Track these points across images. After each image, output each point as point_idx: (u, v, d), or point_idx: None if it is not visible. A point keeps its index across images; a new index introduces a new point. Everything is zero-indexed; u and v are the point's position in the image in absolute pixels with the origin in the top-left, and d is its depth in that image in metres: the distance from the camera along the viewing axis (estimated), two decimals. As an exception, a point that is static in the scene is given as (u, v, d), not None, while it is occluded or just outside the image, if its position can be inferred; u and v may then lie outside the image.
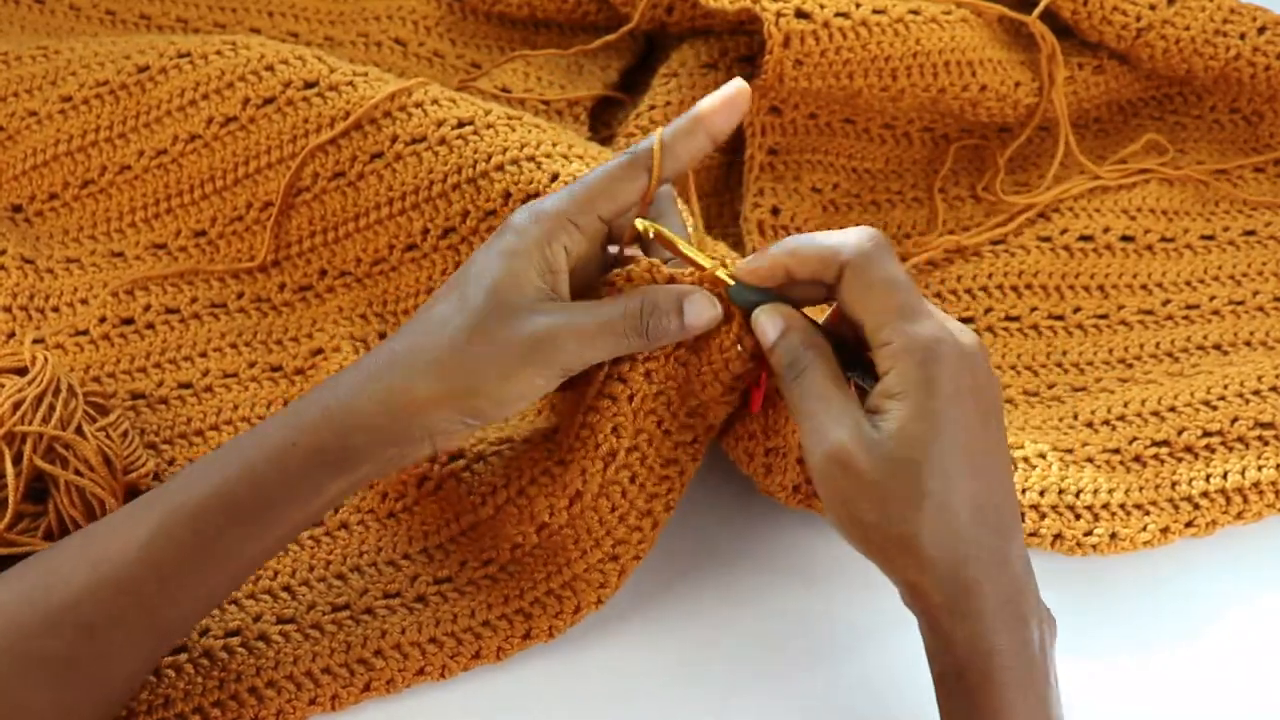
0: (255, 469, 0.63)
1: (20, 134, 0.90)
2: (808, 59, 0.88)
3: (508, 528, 0.72)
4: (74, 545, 0.64)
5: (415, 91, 0.83)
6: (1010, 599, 0.62)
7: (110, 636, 0.63)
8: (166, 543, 0.62)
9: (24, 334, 0.83)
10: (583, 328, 0.64)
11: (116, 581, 0.62)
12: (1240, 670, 0.75)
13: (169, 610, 0.64)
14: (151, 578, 0.62)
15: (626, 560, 0.71)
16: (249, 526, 0.64)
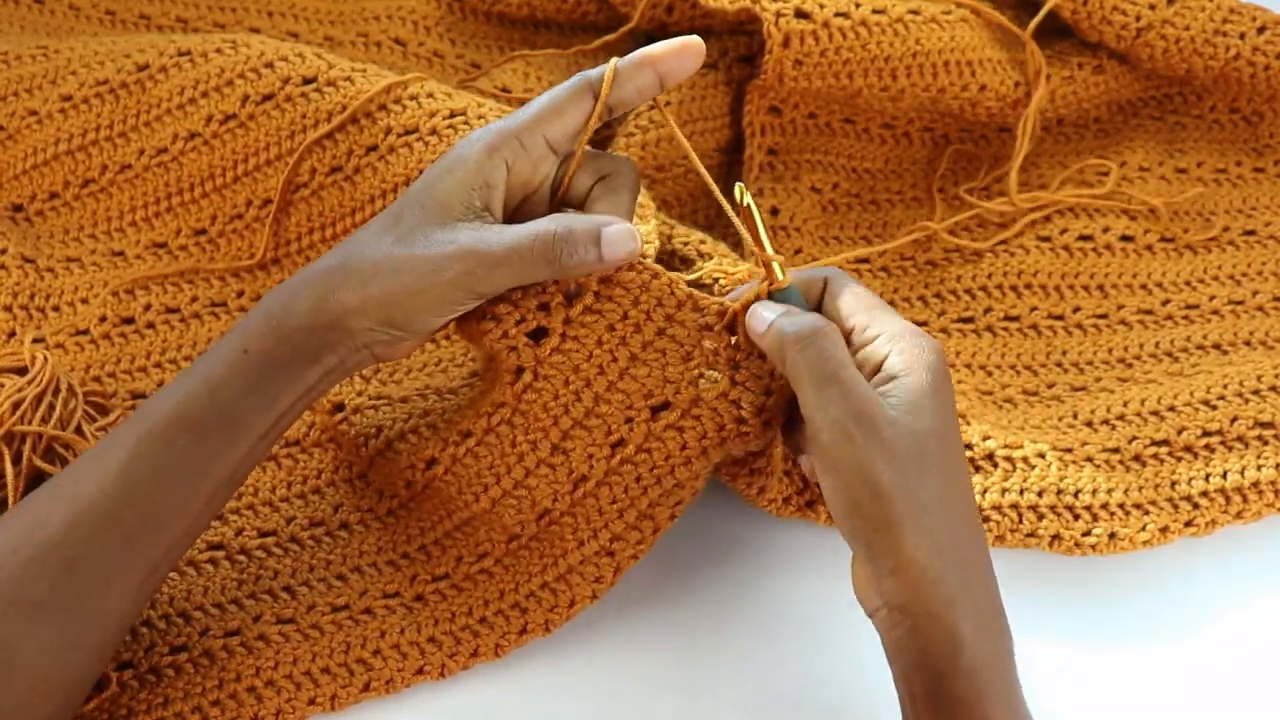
0: (212, 379, 0.65)
1: (21, 133, 0.90)
2: (807, 59, 0.88)
3: (506, 519, 0.72)
4: (53, 485, 0.65)
5: (411, 85, 0.83)
6: (992, 607, 0.62)
7: (94, 570, 0.63)
8: (138, 467, 0.63)
9: (24, 333, 0.83)
10: (490, 248, 0.64)
11: (93, 513, 0.63)
12: (1239, 670, 0.75)
13: (150, 537, 0.64)
14: (128, 504, 0.63)
15: (623, 557, 0.71)
16: (215, 439, 0.65)
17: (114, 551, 0.63)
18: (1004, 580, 0.64)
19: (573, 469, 0.70)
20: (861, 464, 0.60)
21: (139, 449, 0.64)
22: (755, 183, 0.93)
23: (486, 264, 0.64)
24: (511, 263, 0.64)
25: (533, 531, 0.72)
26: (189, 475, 0.65)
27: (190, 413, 0.64)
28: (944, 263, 0.92)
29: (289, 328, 0.65)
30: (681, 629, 0.75)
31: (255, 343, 0.65)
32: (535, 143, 0.66)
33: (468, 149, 0.66)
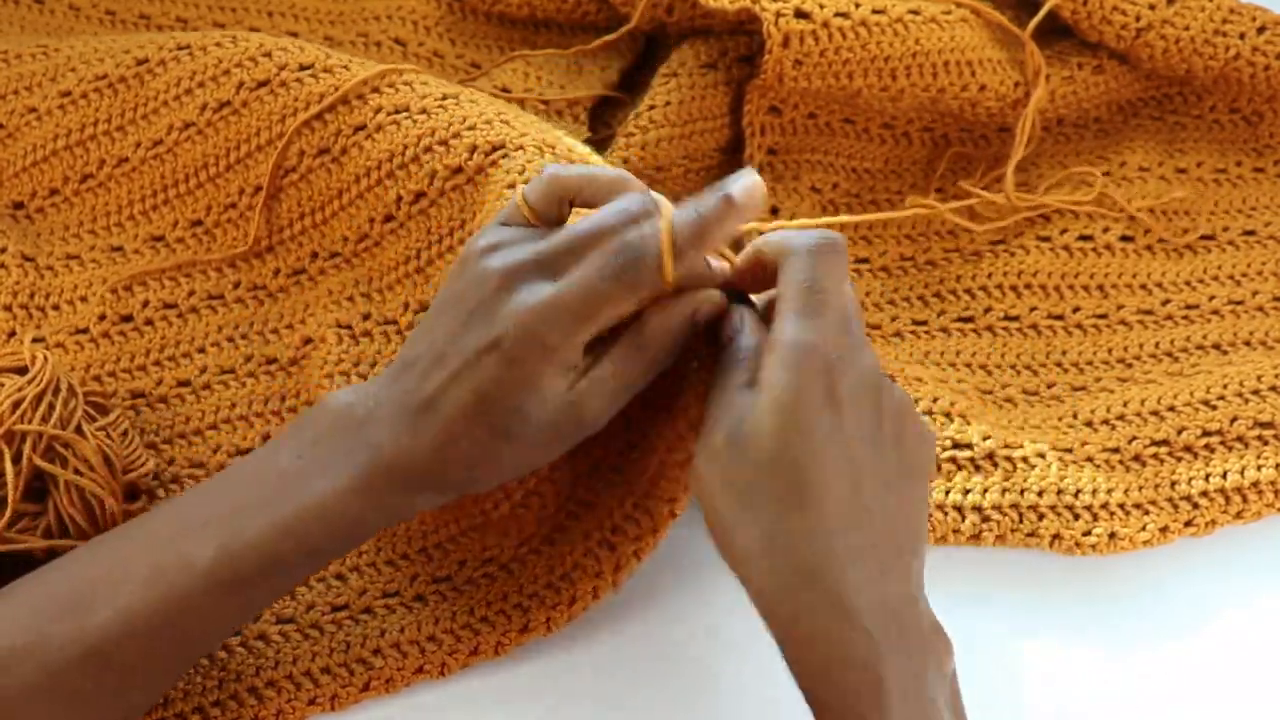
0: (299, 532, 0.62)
1: (20, 131, 0.90)
2: (807, 59, 0.88)
3: (527, 517, 0.72)
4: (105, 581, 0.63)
5: (407, 73, 0.83)
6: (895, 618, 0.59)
7: (139, 673, 0.63)
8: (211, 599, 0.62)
9: (24, 333, 0.83)
10: (617, 397, 0.63)
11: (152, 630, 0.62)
12: (1239, 670, 0.75)
13: (201, 645, 0.65)
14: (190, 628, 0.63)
15: (624, 553, 0.71)
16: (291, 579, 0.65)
17: (163, 664, 0.64)
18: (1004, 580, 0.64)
19: (590, 454, 0.70)
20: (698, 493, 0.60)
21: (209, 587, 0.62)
22: (755, 183, 0.93)
23: (613, 410, 0.63)
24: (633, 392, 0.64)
25: (547, 530, 0.72)
26: (256, 608, 0.65)
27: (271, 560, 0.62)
28: (944, 262, 0.92)
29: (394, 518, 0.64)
30: (685, 626, 0.75)
31: (352, 515, 0.63)
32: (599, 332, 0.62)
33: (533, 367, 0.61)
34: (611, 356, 0.62)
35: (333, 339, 0.81)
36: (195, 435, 0.81)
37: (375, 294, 0.83)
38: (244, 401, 0.82)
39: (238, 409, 0.81)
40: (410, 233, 0.81)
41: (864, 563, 0.58)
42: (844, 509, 0.58)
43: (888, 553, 0.59)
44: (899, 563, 0.60)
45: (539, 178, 0.64)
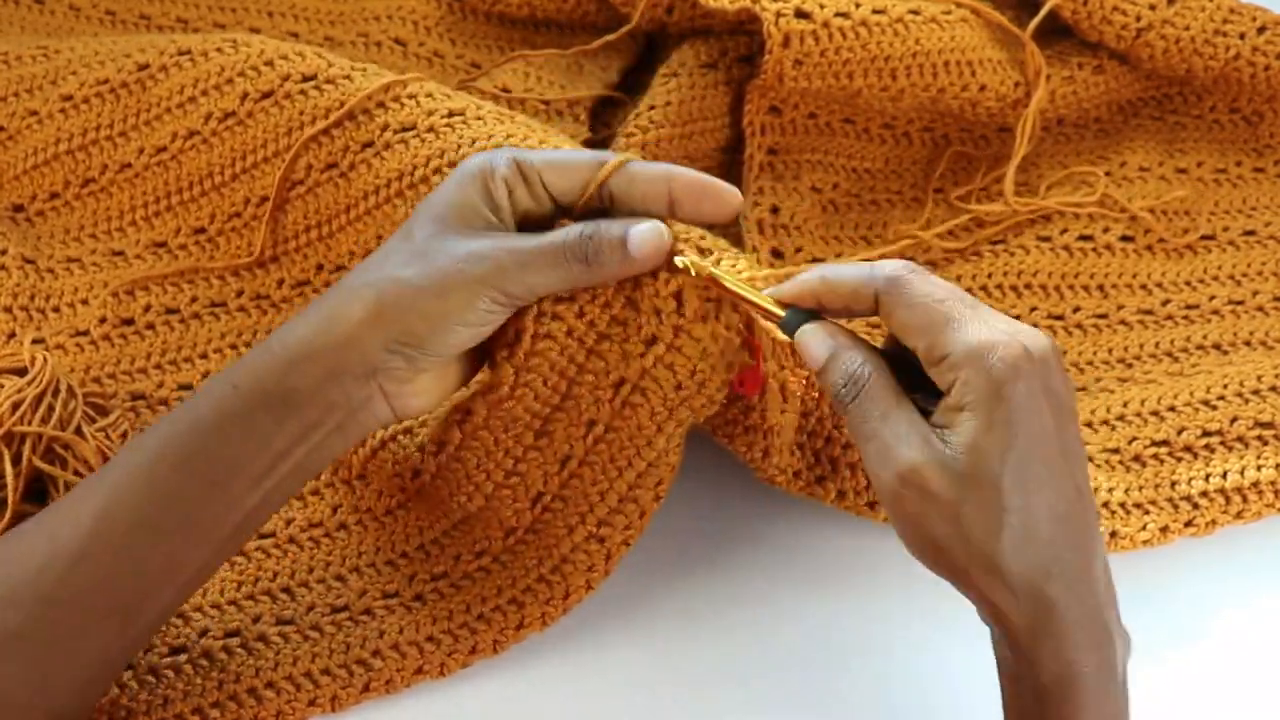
0: (197, 419, 0.61)
1: (21, 134, 0.90)
2: (807, 59, 0.88)
3: (503, 511, 0.72)
4: (37, 520, 0.63)
5: (410, 84, 0.83)
6: (1093, 616, 0.59)
7: (69, 609, 0.61)
8: (118, 507, 0.61)
9: (24, 334, 0.83)
10: (522, 249, 0.62)
11: (71, 551, 0.60)
12: (1239, 670, 0.75)
13: (132, 582, 0.62)
14: (104, 546, 0.61)
15: (613, 544, 0.71)
16: (200, 482, 0.61)
17: (88, 592, 0.61)
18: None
19: (557, 449, 0.70)
20: (913, 520, 0.59)
21: (117, 491, 0.61)
22: (755, 182, 0.93)
23: (518, 260, 0.62)
24: (544, 260, 0.62)
25: (528, 521, 0.72)
26: (172, 519, 0.61)
27: (172, 453, 0.61)
28: (944, 263, 0.92)
29: (283, 357, 0.61)
30: (683, 621, 0.75)
31: (247, 378, 0.61)
32: (534, 179, 0.64)
33: (470, 166, 0.64)
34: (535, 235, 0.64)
35: None
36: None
37: None
38: (245, 404, 0.82)
39: (239, 411, 0.82)
40: None
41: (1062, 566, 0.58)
42: (1057, 506, 0.58)
43: (1082, 543, 0.60)
44: (1100, 537, 0.61)
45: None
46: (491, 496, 0.72)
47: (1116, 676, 0.60)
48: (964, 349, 0.58)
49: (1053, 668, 0.58)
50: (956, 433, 0.57)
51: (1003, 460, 0.57)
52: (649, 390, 0.68)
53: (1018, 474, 0.57)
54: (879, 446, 0.59)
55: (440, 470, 0.72)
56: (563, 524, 0.71)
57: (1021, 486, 0.57)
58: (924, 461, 0.57)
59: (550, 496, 0.71)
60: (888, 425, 0.59)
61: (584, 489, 0.70)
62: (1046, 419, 0.58)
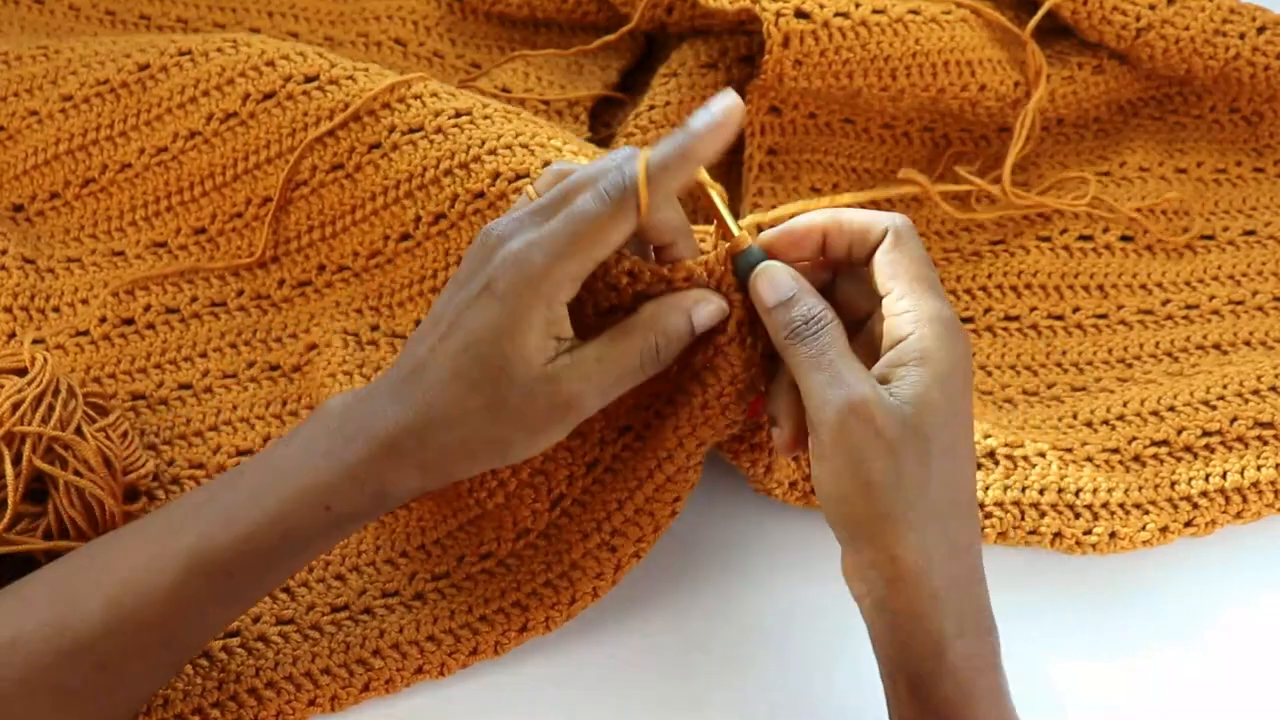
0: (286, 523, 0.63)
1: (21, 133, 0.90)
2: (807, 59, 0.88)
3: (521, 511, 0.72)
4: (91, 575, 0.63)
5: (415, 84, 0.83)
6: (978, 603, 0.62)
7: (126, 670, 0.63)
8: (195, 589, 0.62)
9: (24, 334, 0.83)
10: (602, 381, 0.62)
11: (139, 622, 0.62)
12: (1239, 670, 0.75)
13: (188, 641, 0.65)
14: (176, 620, 0.63)
15: (624, 554, 0.71)
16: (278, 572, 0.64)
17: (150, 656, 0.63)
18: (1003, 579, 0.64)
19: (588, 451, 0.70)
20: (852, 454, 0.59)
21: (197, 570, 0.62)
22: (755, 182, 0.93)
23: (603, 393, 0.63)
24: (626, 383, 0.63)
25: (543, 525, 0.72)
26: (244, 600, 0.65)
27: (259, 548, 0.63)
28: (944, 262, 0.92)
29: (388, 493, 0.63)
30: (684, 626, 0.75)
31: (342, 502, 0.63)
32: (583, 271, 0.62)
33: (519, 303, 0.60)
34: (599, 339, 0.63)
35: (339, 343, 0.82)
36: (196, 437, 0.81)
37: (385, 309, 0.84)
38: (245, 404, 0.82)
39: (239, 411, 0.82)
40: (427, 253, 0.82)
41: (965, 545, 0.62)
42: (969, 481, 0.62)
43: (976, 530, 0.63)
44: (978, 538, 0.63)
45: (547, 171, 0.66)
46: (513, 495, 0.72)
47: (999, 666, 0.62)
48: (933, 309, 0.61)
49: (929, 645, 0.60)
50: (902, 384, 0.60)
51: (940, 424, 0.60)
52: (679, 403, 0.68)
53: (947, 442, 0.60)
54: (831, 376, 0.60)
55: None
56: (577, 529, 0.71)
57: (948, 454, 0.60)
58: (876, 398, 0.59)
59: (570, 500, 0.71)
60: (844, 361, 0.60)
61: (604, 495, 0.70)
62: (969, 406, 0.62)
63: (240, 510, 0.63)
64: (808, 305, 0.62)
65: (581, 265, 0.61)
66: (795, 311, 0.62)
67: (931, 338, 0.60)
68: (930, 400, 0.59)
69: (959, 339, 0.61)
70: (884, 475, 0.59)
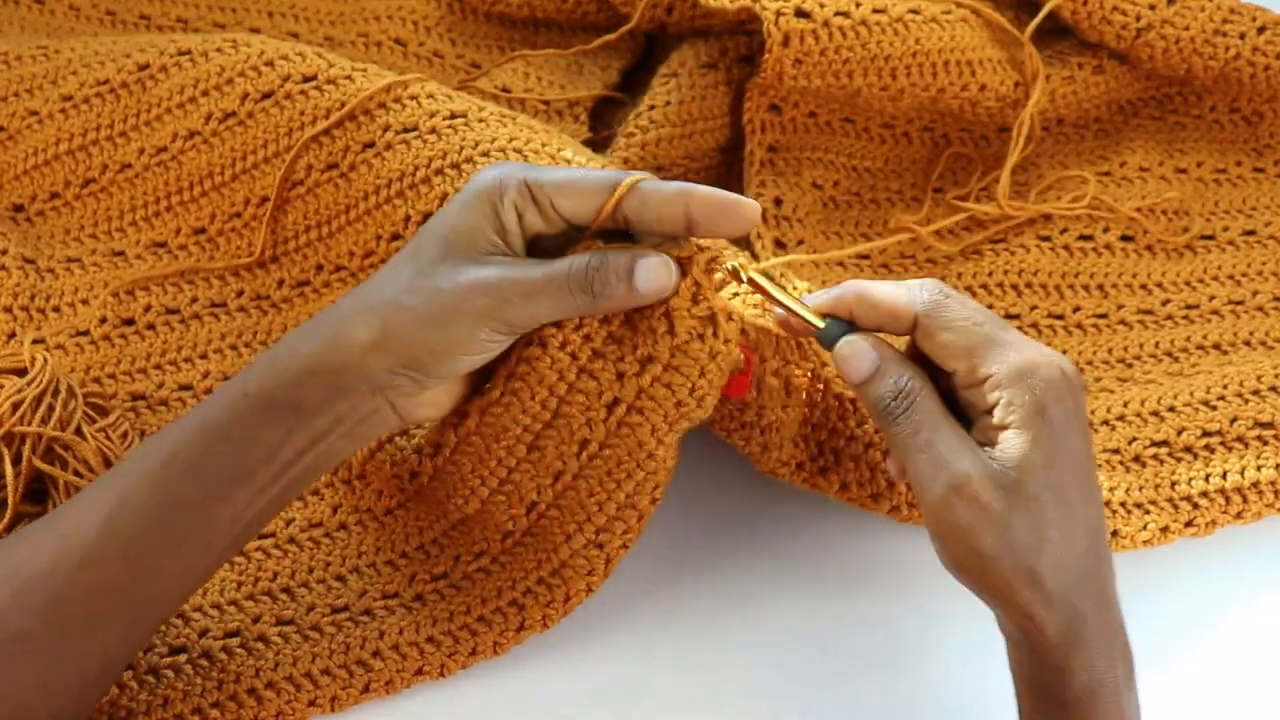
0: (208, 424, 0.62)
1: (22, 133, 0.90)
2: (807, 58, 0.88)
3: (498, 516, 0.72)
4: (45, 521, 0.63)
5: (411, 85, 0.83)
6: (1115, 632, 0.62)
7: (77, 608, 0.61)
8: (127, 510, 0.61)
9: (24, 334, 0.83)
10: (527, 279, 0.62)
11: (81, 553, 0.61)
12: (1240, 670, 0.75)
13: (136, 585, 0.62)
14: (114, 548, 0.61)
15: (611, 549, 0.71)
16: (209, 487, 0.62)
17: (97, 594, 0.61)
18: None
19: (549, 464, 0.70)
20: (962, 531, 0.60)
21: (126, 494, 0.61)
22: (756, 176, 0.93)
23: (522, 291, 0.62)
24: (549, 291, 0.62)
25: (524, 526, 0.72)
26: (181, 524, 0.62)
27: (182, 458, 0.62)
28: (944, 261, 0.92)
29: (292, 369, 0.62)
30: (684, 626, 0.75)
31: (256, 385, 0.62)
32: (545, 203, 0.63)
33: (479, 186, 0.63)
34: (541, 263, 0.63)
35: None
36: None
37: None
38: (245, 404, 0.82)
39: (238, 411, 0.82)
40: None
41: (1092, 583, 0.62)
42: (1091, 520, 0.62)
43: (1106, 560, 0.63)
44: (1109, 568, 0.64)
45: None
46: (487, 501, 0.72)
47: (1133, 692, 0.62)
48: (1009, 370, 0.60)
49: (1082, 679, 0.60)
50: (1002, 449, 0.60)
51: (1046, 477, 0.59)
52: (647, 409, 0.67)
53: (1058, 491, 0.59)
54: (932, 457, 0.60)
55: (436, 473, 0.72)
56: (560, 531, 0.71)
57: (1060, 503, 0.59)
58: (977, 473, 0.59)
59: (545, 505, 0.71)
60: (940, 436, 0.60)
61: (580, 500, 0.70)
62: (1080, 440, 0.61)
63: (171, 428, 0.63)
64: (894, 379, 0.62)
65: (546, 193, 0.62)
66: (883, 389, 0.62)
67: (1018, 396, 0.60)
68: (1030, 461, 0.59)
69: (1042, 384, 0.60)
70: (995, 544, 0.59)
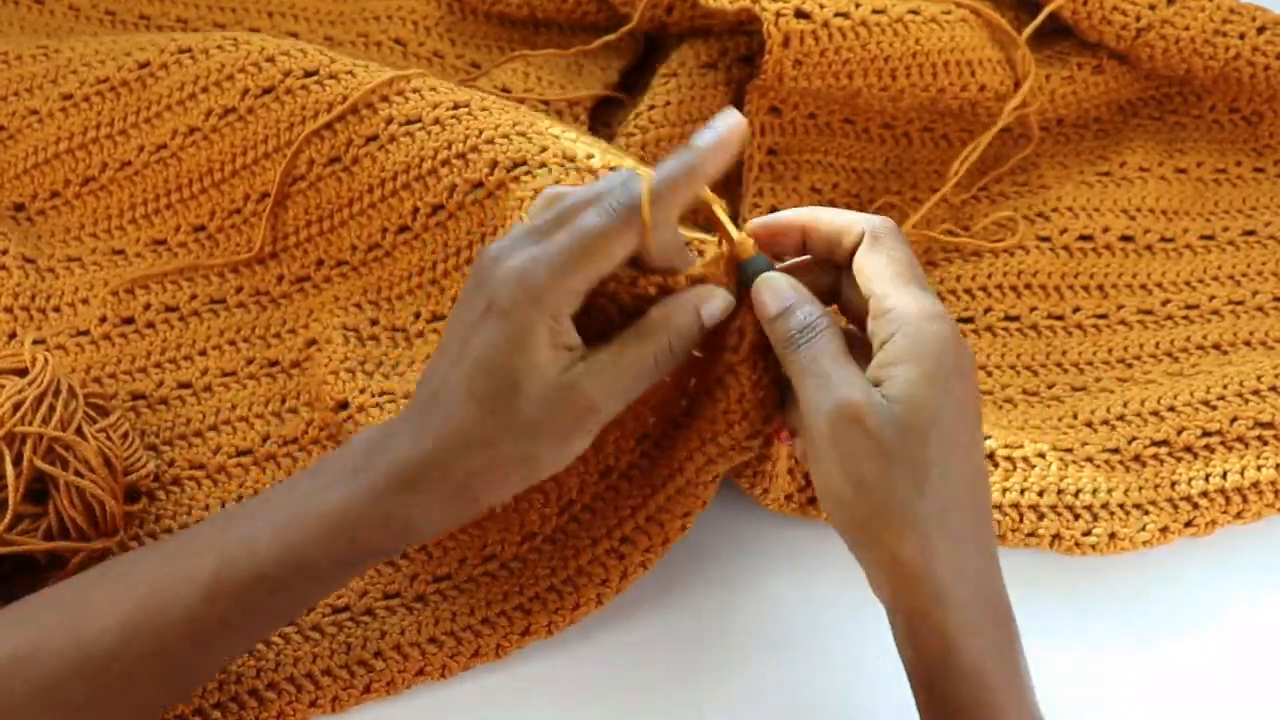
0: (309, 552, 0.62)
1: (22, 132, 0.90)
2: (807, 59, 0.88)
3: (529, 514, 0.72)
4: (109, 593, 0.63)
5: (414, 78, 0.83)
6: (992, 599, 0.61)
7: (135, 691, 0.62)
8: (211, 615, 0.62)
9: (25, 334, 0.83)
10: (619, 383, 0.62)
11: (152, 645, 0.62)
12: (1239, 670, 0.75)
13: (199, 667, 0.64)
14: (190, 645, 0.62)
15: (631, 562, 0.71)
16: (296, 603, 0.64)
17: (160, 683, 0.63)
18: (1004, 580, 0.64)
19: (602, 460, 0.70)
20: (845, 457, 0.60)
21: (209, 603, 0.62)
22: (755, 183, 0.93)
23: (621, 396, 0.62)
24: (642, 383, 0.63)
25: (550, 529, 0.72)
26: (257, 632, 0.65)
27: (276, 579, 0.62)
28: (944, 262, 0.92)
29: (412, 529, 0.63)
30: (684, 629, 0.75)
31: (365, 538, 0.63)
32: (587, 285, 0.62)
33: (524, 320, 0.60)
34: (611, 344, 0.63)
35: (339, 339, 0.81)
36: (196, 437, 0.81)
37: (384, 302, 0.83)
38: (245, 403, 0.82)
39: (238, 410, 0.82)
40: (426, 244, 0.82)
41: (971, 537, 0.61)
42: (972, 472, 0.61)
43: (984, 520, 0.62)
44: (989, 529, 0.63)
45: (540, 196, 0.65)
46: (522, 498, 0.72)
47: (1019, 657, 0.62)
48: (915, 306, 0.61)
49: (951, 641, 0.60)
50: (892, 384, 0.60)
51: (932, 420, 0.59)
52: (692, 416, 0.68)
53: (942, 436, 0.59)
54: (823, 382, 0.60)
55: None
56: (587, 535, 0.71)
57: (944, 448, 0.60)
58: (865, 400, 0.59)
59: (580, 506, 0.71)
60: (836, 367, 0.60)
61: (616, 502, 0.70)
62: (968, 395, 0.61)
63: (262, 539, 0.62)
64: (804, 313, 0.62)
65: (584, 278, 0.61)
66: (792, 320, 0.62)
67: (915, 334, 0.60)
68: (919, 397, 0.59)
69: (944, 331, 0.60)
70: (877, 476, 0.59)
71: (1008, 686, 0.61)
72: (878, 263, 0.63)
